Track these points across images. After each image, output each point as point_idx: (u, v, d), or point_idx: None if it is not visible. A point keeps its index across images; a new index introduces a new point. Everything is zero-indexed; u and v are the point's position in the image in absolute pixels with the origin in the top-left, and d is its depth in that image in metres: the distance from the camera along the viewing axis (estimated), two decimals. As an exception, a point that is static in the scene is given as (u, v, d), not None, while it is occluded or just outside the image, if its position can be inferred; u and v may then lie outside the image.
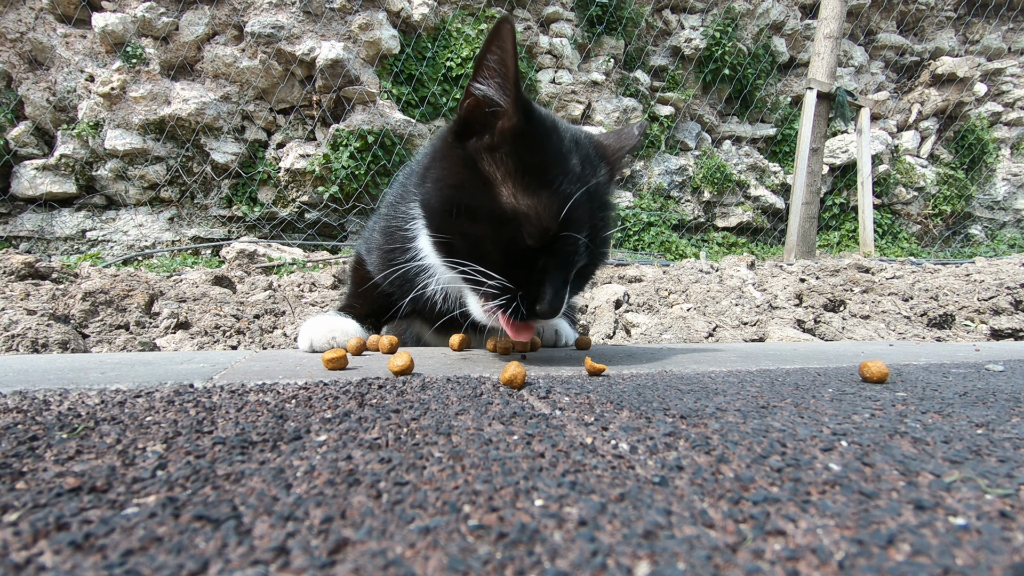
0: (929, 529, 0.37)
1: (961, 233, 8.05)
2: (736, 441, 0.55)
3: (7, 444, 0.50)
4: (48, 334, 1.72)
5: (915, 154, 7.93)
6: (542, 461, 0.49)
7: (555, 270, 0.96)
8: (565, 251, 0.96)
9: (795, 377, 0.96)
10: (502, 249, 0.95)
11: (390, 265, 1.30)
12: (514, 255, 0.95)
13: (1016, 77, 8.00)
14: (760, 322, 2.47)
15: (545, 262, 0.96)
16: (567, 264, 0.98)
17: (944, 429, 0.62)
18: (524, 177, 0.95)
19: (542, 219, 0.93)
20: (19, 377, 0.81)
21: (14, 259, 2.47)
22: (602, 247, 1.06)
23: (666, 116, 6.75)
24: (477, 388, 0.79)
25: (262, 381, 0.79)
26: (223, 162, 5.30)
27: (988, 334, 2.53)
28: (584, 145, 1.05)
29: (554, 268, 0.96)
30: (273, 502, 0.40)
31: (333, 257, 4.67)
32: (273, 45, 5.12)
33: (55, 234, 5.14)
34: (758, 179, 7.27)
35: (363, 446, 0.52)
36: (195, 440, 0.53)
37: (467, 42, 5.80)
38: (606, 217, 1.05)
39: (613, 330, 2.43)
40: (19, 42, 5.02)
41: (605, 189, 1.05)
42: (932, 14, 7.85)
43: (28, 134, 5.04)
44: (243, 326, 2.09)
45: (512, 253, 0.95)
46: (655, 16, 6.91)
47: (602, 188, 1.04)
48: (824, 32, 5.20)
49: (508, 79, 0.92)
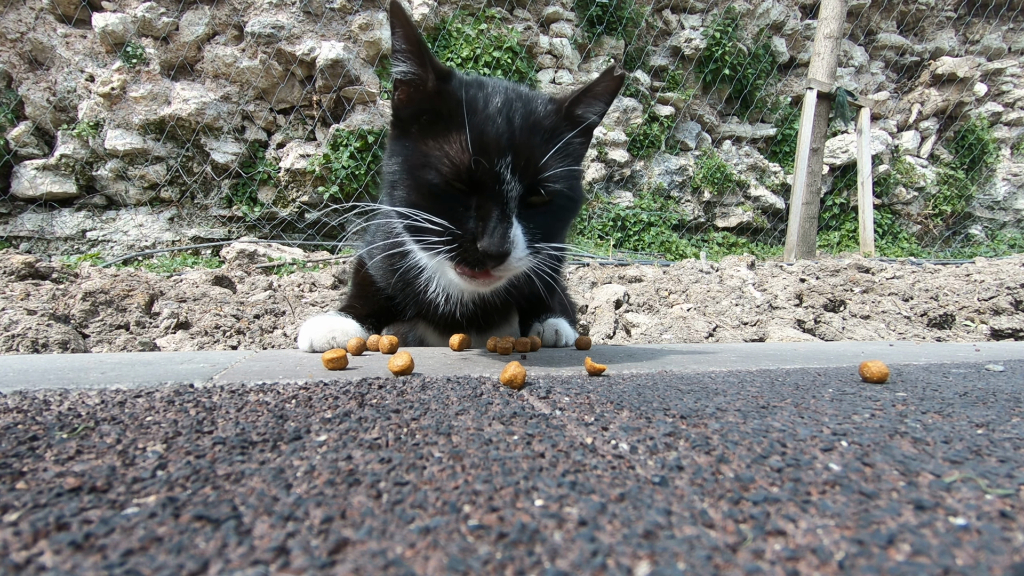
0: (929, 529, 0.37)
1: (961, 233, 8.05)
2: (736, 441, 0.55)
3: (7, 444, 0.50)
4: (48, 334, 1.72)
5: (915, 154, 7.93)
6: (542, 461, 0.49)
7: (489, 205, 0.97)
8: (492, 185, 0.97)
9: (795, 377, 0.96)
10: (438, 200, 0.99)
11: (390, 268, 1.31)
12: (449, 202, 0.99)
13: (1016, 77, 8.00)
14: (760, 322, 2.47)
15: (479, 201, 0.98)
16: (498, 197, 0.97)
17: (944, 429, 0.62)
18: (442, 126, 1.00)
19: (456, 156, 0.97)
20: (19, 377, 0.81)
21: (14, 259, 2.47)
22: (550, 180, 1.02)
23: (666, 116, 6.75)
24: (477, 388, 0.78)
25: (262, 381, 0.79)
26: (223, 162, 5.30)
27: (988, 334, 2.53)
28: (519, 94, 1.08)
29: (488, 204, 0.97)
30: (273, 502, 0.40)
31: (333, 257, 4.67)
32: (273, 45, 5.12)
33: (55, 234, 5.14)
34: (758, 179, 7.27)
35: (363, 446, 0.52)
36: (195, 440, 0.53)
37: (467, 42, 5.80)
38: (549, 150, 1.02)
39: (613, 330, 2.43)
40: (19, 42, 5.02)
41: (544, 123, 1.04)
42: (932, 14, 7.85)
43: (28, 134, 5.04)
44: (243, 326, 2.09)
45: (446, 201, 0.99)
46: (655, 16, 6.91)
47: (537, 122, 1.03)
48: (824, 32, 5.20)
49: (415, 49, 1.01)
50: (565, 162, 1.05)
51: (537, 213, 1.04)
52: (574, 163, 1.09)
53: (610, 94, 1.13)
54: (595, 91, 1.10)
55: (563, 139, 1.05)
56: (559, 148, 1.04)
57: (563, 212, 1.09)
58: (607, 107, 1.15)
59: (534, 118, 1.04)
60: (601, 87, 1.10)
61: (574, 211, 1.14)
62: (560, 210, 1.08)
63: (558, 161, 1.03)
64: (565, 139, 1.05)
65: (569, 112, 1.09)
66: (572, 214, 1.14)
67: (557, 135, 1.05)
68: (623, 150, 6.55)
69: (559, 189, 1.04)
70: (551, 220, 1.06)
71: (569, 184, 1.06)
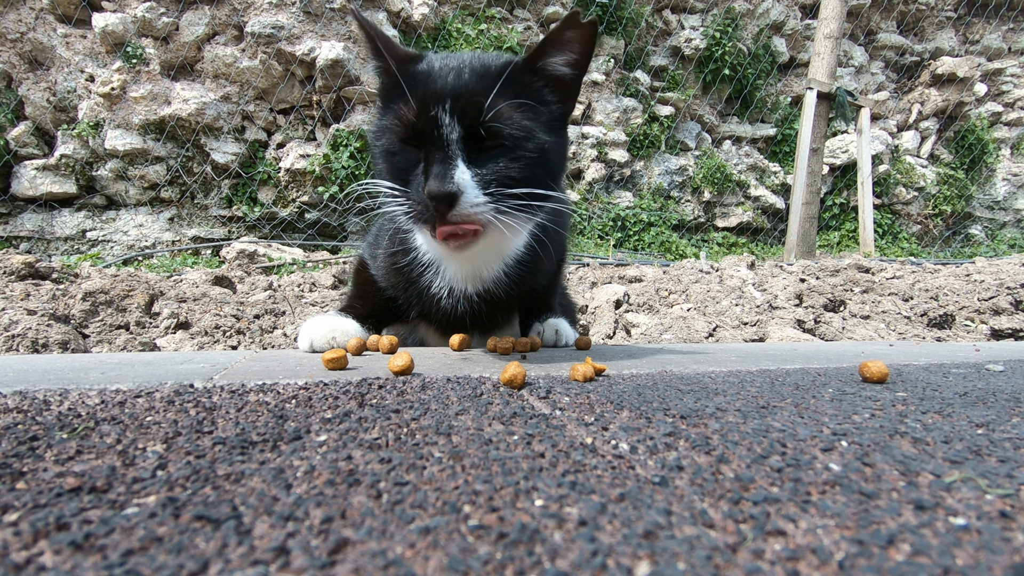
0: (929, 529, 0.37)
1: (961, 233, 8.05)
2: (736, 441, 0.55)
3: (7, 444, 0.50)
4: (48, 334, 1.72)
5: (915, 154, 7.93)
6: (542, 461, 0.49)
7: (433, 153, 0.98)
8: (433, 132, 0.98)
9: (795, 377, 0.96)
10: (397, 164, 1.04)
11: (393, 267, 1.31)
12: (405, 164, 1.03)
13: (1016, 77, 7.99)
14: (760, 322, 2.47)
15: (425, 152, 1.00)
16: (439, 142, 0.98)
17: (944, 429, 0.62)
18: (398, 98, 1.05)
19: (403, 115, 1.01)
20: (19, 377, 0.81)
21: (14, 259, 2.47)
22: (495, 120, 1.00)
23: (666, 116, 6.75)
24: (477, 388, 0.78)
25: (262, 381, 0.79)
26: (223, 162, 5.30)
27: (988, 334, 2.53)
28: (479, 57, 1.10)
29: (432, 152, 0.99)
30: (273, 502, 0.40)
31: (333, 257, 4.67)
32: (273, 45, 5.12)
33: (55, 234, 5.14)
34: (758, 179, 7.27)
35: (363, 446, 0.52)
36: (195, 440, 0.53)
37: (467, 42, 5.80)
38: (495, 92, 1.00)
39: (613, 330, 2.43)
40: (19, 42, 5.02)
41: (494, 72, 1.04)
42: (932, 14, 7.85)
43: (28, 134, 5.04)
44: (243, 326, 2.09)
45: (403, 163, 1.03)
46: (655, 16, 6.91)
47: (486, 73, 1.04)
48: (824, 32, 5.20)
49: (373, 44, 1.08)
50: (522, 109, 1.03)
51: (490, 158, 1.00)
52: (539, 112, 1.06)
53: (581, 44, 1.06)
54: (559, 40, 1.04)
55: (516, 84, 1.04)
56: (512, 94, 1.03)
57: (525, 158, 1.02)
58: (582, 59, 1.08)
59: (484, 71, 1.05)
60: (567, 35, 1.04)
61: (543, 159, 1.05)
62: (520, 155, 1.02)
63: (510, 106, 1.02)
64: (519, 84, 1.04)
65: (531, 65, 1.07)
66: (540, 162, 1.05)
67: (510, 82, 1.04)
68: (623, 150, 6.55)
69: (510, 132, 1.00)
70: (509, 165, 1.01)
71: (526, 128, 1.02)
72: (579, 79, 1.12)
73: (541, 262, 1.31)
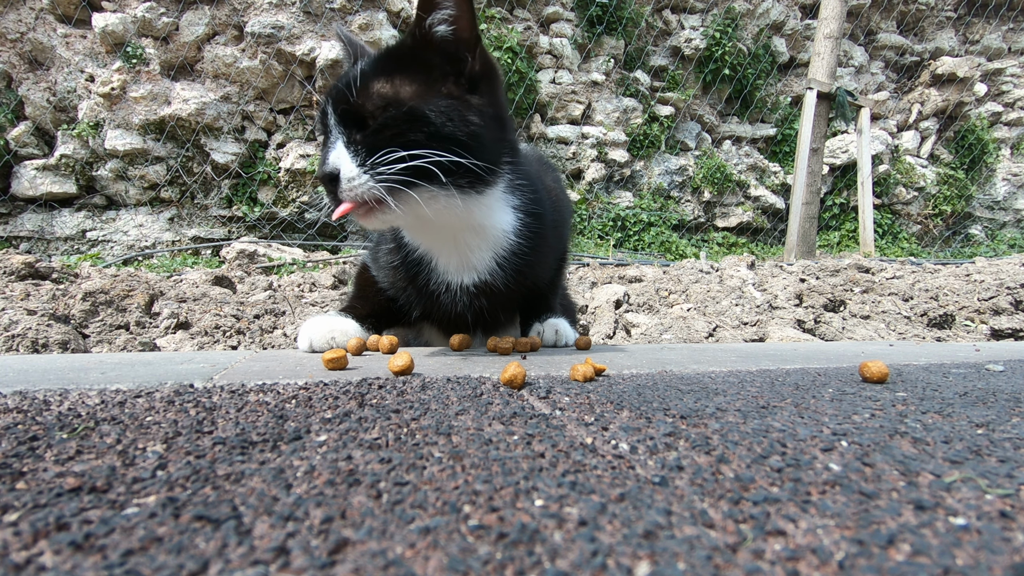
0: (929, 529, 0.37)
1: (961, 233, 8.05)
2: (736, 441, 0.55)
3: (7, 444, 0.50)
4: (48, 334, 1.72)
5: (915, 154, 7.93)
6: (542, 461, 0.49)
7: (326, 141, 1.07)
8: (324, 122, 1.09)
9: (795, 377, 0.96)
10: None
11: (390, 265, 1.32)
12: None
13: (1016, 77, 7.99)
14: (760, 322, 2.47)
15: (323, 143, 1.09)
16: (327, 129, 1.07)
17: (944, 429, 0.62)
18: None
19: (319, 114, 1.12)
20: (19, 377, 0.81)
21: (14, 259, 2.47)
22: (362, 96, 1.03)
23: (666, 116, 6.75)
24: (477, 388, 0.78)
25: (262, 381, 0.79)
26: (223, 162, 5.29)
27: (988, 334, 2.53)
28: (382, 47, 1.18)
29: (326, 141, 1.08)
30: (273, 502, 0.40)
31: (333, 257, 4.67)
32: (273, 45, 5.12)
33: (55, 234, 5.13)
34: (758, 179, 7.26)
35: (363, 446, 0.52)
36: (195, 440, 0.53)
37: (467, 42, 5.80)
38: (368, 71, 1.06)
39: (613, 330, 2.43)
40: (19, 42, 5.02)
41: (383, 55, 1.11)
42: (932, 14, 7.85)
43: (28, 134, 5.04)
44: (243, 326, 2.09)
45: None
46: (655, 16, 6.91)
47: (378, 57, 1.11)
48: (824, 32, 5.20)
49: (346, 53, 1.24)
50: (396, 82, 1.04)
51: (367, 133, 1.02)
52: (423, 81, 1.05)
53: None
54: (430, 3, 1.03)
55: (395, 60, 1.08)
56: (388, 71, 1.05)
57: (393, 128, 1.01)
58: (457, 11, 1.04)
59: (373, 56, 1.12)
60: None
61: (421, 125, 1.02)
62: (389, 126, 1.01)
63: (383, 82, 1.04)
64: (398, 59, 1.08)
65: (413, 37, 1.07)
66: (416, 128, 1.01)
67: (388, 59, 1.08)
68: (623, 150, 6.55)
69: (374, 106, 1.02)
70: (380, 137, 1.01)
71: (392, 99, 1.02)
72: (464, 32, 1.06)
73: (539, 254, 1.31)
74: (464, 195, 1.09)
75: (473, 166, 1.05)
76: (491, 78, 1.13)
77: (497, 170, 1.14)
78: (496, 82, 1.15)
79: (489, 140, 1.10)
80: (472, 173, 1.06)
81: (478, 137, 1.06)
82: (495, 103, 1.13)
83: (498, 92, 1.15)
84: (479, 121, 1.07)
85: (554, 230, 1.39)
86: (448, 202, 1.08)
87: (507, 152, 1.19)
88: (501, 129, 1.15)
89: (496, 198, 1.19)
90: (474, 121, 1.06)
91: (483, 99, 1.10)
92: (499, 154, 1.15)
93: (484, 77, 1.11)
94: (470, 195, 1.10)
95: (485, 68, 1.12)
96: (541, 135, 6.29)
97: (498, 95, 1.15)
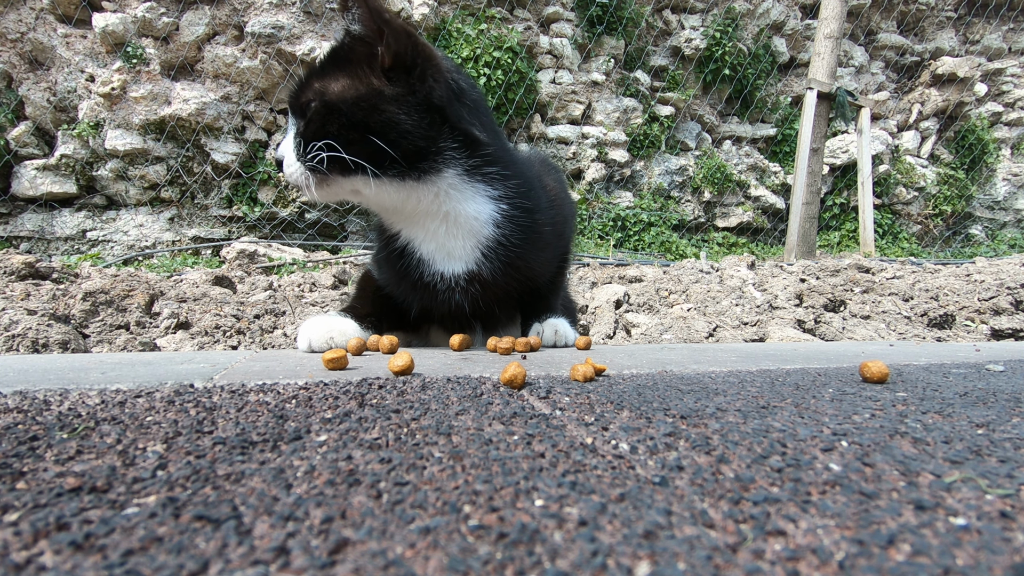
0: (929, 529, 0.37)
1: (961, 233, 8.04)
2: (736, 441, 0.55)
3: (7, 444, 0.50)
4: (48, 334, 1.72)
5: (915, 154, 7.93)
6: (542, 461, 0.49)
7: None
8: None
9: (795, 377, 0.96)
10: None
11: (386, 261, 1.35)
12: None
13: (1016, 77, 7.99)
14: (760, 322, 2.46)
15: None
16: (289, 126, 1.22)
17: (944, 429, 0.62)
18: None
19: None
20: (19, 377, 0.81)
21: (14, 259, 2.47)
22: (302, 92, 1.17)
23: (666, 116, 6.75)
24: (477, 388, 0.78)
25: (262, 381, 0.79)
26: (223, 162, 5.29)
27: (988, 334, 2.53)
28: None
29: None
30: (273, 502, 0.40)
31: (333, 257, 4.67)
32: (273, 45, 5.12)
33: (55, 234, 5.13)
34: (758, 179, 7.26)
35: (363, 446, 0.52)
36: (195, 440, 0.53)
37: (467, 42, 5.80)
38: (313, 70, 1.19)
39: (613, 330, 2.43)
40: (19, 42, 5.02)
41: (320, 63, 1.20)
42: (932, 14, 7.85)
43: (28, 134, 5.04)
44: (243, 326, 2.09)
45: None
46: (655, 16, 6.91)
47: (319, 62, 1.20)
48: (824, 32, 5.19)
49: None
50: (330, 77, 1.14)
51: (302, 125, 1.15)
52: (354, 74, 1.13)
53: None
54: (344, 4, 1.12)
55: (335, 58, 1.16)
56: (326, 68, 1.16)
57: (319, 119, 1.12)
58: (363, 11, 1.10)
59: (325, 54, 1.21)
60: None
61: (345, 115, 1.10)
62: (317, 118, 1.12)
63: (320, 77, 1.15)
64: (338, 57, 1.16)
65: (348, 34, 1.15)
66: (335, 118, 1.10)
67: (332, 58, 1.18)
68: (623, 150, 6.55)
69: (305, 99, 1.14)
70: (309, 126, 1.13)
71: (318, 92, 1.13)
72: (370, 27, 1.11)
73: (531, 248, 1.31)
74: (402, 182, 1.15)
75: (395, 155, 1.12)
76: (423, 68, 1.14)
77: (436, 157, 1.16)
78: (430, 71, 1.15)
79: (412, 128, 1.12)
80: (401, 161, 1.13)
81: (394, 125, 1.11)
82: (425, 91, 1.14)
83: (430, 81, 1.15)
84: (396, 110, 1.11)
85: (552, 228, 1.39)
86: (395, 187, 1.16)
87: (450, 139, 1.18)
88: (436, 117, 1.16)
89: (457, 187, 1.20)
90: (389, 110, 1.11)
91: (403, 88, 1.13)
92: (431, 141, 1.15)
93: (411, 68, 1.14)
94: (408, 182, 1.16)
95: (409, 59, 1.13)
96: (541, 135, 6.29)
97: (429, 84, 1.15)
